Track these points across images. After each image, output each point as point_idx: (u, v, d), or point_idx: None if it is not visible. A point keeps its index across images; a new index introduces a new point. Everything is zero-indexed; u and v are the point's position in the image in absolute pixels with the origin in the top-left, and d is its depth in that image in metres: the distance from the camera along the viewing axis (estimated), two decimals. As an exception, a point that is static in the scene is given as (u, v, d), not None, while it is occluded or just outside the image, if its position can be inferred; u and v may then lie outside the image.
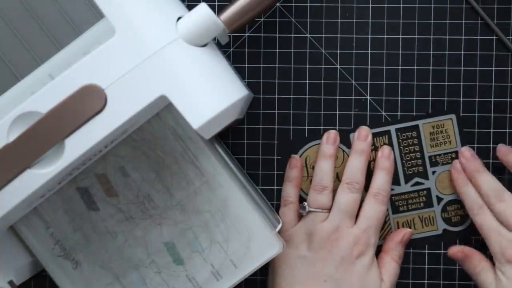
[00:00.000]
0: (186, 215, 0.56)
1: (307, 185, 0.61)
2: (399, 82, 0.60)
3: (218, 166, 0.55)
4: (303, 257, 0.57)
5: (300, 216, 0.59)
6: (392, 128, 0.60)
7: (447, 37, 0.60)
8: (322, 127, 0.61)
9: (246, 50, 0.61)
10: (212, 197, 0.56)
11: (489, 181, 0.58)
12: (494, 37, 0.60)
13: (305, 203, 0.59)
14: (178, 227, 0.56)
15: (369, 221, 0.58)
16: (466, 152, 0.60)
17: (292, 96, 0.61)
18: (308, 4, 0.60)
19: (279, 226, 0.57)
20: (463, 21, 0.60)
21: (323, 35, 0.60)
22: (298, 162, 0.60)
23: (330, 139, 0.60)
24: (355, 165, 0.59)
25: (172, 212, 0.56)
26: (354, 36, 0.60)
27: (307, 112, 0.61)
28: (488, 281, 0.57)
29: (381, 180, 0.59)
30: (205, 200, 0.56)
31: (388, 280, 0.58)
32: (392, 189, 0.61)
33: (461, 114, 0.61)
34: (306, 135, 0.61)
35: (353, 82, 0.61)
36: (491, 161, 0.60)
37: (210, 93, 0.49)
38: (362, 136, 0.60)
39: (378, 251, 0.60)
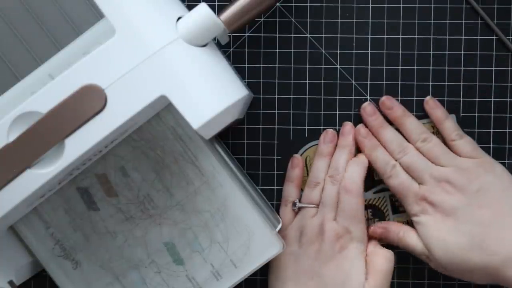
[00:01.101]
0: (186, 215, 0.56)
1: (307, 185, 0.61)
2: (399, 82, 0.60)
3: (218, 166, 0.55)
4: (293, 253, 0.58)
5: None
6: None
7: (447, 37, 0.60)
8: (322, 127, 0.61)
9: (246, 50, 0.61)
10: (212, 197, 0.56)
11: (393, 135, 0.59)
12: (494, 37, 0.60)
13: (296, 200, 0.59)
14: (178, 227, 0.56)
15: (345, 214, 0.58)
16: (368, 108, 0.60)
17: (292, 96, 0.61)
18: (308, 4, 0.60)
19: (279, 226, 0.57)
20: (463, 21, 0.60)
21: (323, 35, 0.60)
22: (300, 162, 0.61)
23: (327, 138, 0.60)
24: (336, 158, 0.59)
25: (172, 212, 0.56)
26: (354, 36, 0.60)
27: (307, 112, 0.61)
28: (413, 241, 0.58)
29: (350, 171, 0.59)
30: (205, 200, 0.56)
31: (374, 274, 0.57)
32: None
33: (461, 114, 0.61)
34: (306, 135, 0.61)
35: (353, 82, 0.61)
36: (491, 161, 0.60)
37: (210, 93, 0.49)
38: (345, 132, 0.60)
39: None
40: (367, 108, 0.60)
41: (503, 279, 0.54)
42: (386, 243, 0.60)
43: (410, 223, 0.61)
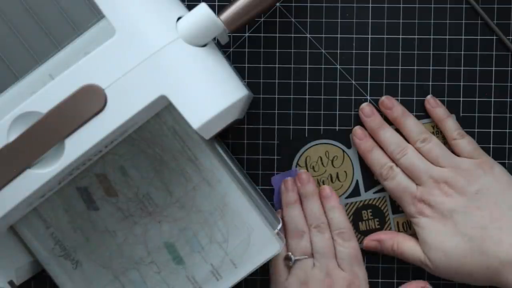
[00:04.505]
0: (185, 212, 0.56)
1: (307, 185, 0.61)
2: (399, 82, 0.60)
3: (217, 163, 0.55)
4: None
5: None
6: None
7: (447, 37, 0.60)
8: (322, 127, 0.61)
9: (246, 50, 0.61)
10: (211, 194, 0.56)
11: (392, 136, 0.59)
12: (494, 37, 0.60)
13: (290, 254, 0.58)
14: (177, 225, 0.57)
15: (347, 259, 0.58)
16: (366, 108, 0.60)
17: (292, 96, 0.61)
18: (308, 4, 0.60)
19: (279, 226, 0.57)
20: (463, 21, 0.60)
21: (323, 35, 0.60)
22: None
23: (288, 186, 0.60)
24: (311, 208, 0.59)
25: (171, 210, 0.56)
26: (354, 36, 0.60)
27: (307, 112, 0.61)
28: (409, 251, 0.58)
29: (334, 218, 0.59)
30: (204, 197, 0.56)
31: None
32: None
33: (461, 114, 0.61)
34: (306, 135, 0.61)
35: (353, 82, 0.61)
36: (491, 161, 0.60)
37: (210, 93, 0.49)
38: (304, 181, 0.60)
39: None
40: (365, 109, 0.59)
41: (503, 282, 0.54)
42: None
43: (410, 224, 0.61)
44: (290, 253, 0.58)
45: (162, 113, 0.55)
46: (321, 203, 0.59)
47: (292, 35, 0.60)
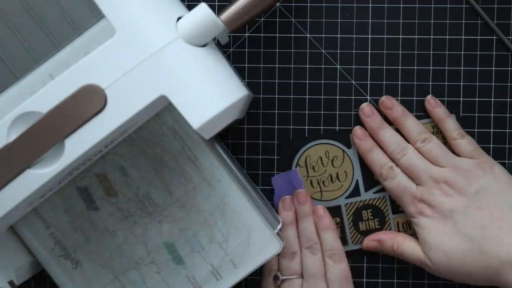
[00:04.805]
0: (185, 212, 0.56)
1: (306, 185, 0.61)
2: (399, 82, 0.60)
3: (216, 163, 0.55)
4: None
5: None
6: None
7: (447, 37, 0.60)
8: (322, 127, 0.61)
9: (246, 50, 0.61)
10: (211, 194, 0.56)
11: (392, 136, 0.59)
12: (494, 37, 0.60)
13: (278, 273, 0.59)
14: (177, 225, 0.57)
15: (336, 282, 0.58)
16: (366, 108, 0.60)
17: (292, 96, 0.61)
18: (308, 4, 0.60)
19: (279, 226, 0.57)
20: (463, 21, 0.60)
21: (323, 35, 0.60)
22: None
23: (286, 205, 0.60)
24: (306, 228, 0.59)
25: (171, 210, 0.56)
26: (354, 36, 0.60)
27: (307, 112, 0.61)
28: (409, 251, 0.58)
29: (327, 239, 0.59)
30: (204, 197, 0.56)
31: None
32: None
33: (461, 114, 0.61)
34: (306, 135, 0.61)
35: (353, 82, 0.61)
36: (491, 161, 0.60)
37: (210, 93, 0.49)
38: (301, 201, 0.60)
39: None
40: (365, 109, 0.59)
41: (503, 282, 0.54)
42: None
43: (410, 224, 0.61)
44: (278, 273, 0.58)
45: (162, 113, 0.55)
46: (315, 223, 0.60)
47: (292, 35, 0.60)
